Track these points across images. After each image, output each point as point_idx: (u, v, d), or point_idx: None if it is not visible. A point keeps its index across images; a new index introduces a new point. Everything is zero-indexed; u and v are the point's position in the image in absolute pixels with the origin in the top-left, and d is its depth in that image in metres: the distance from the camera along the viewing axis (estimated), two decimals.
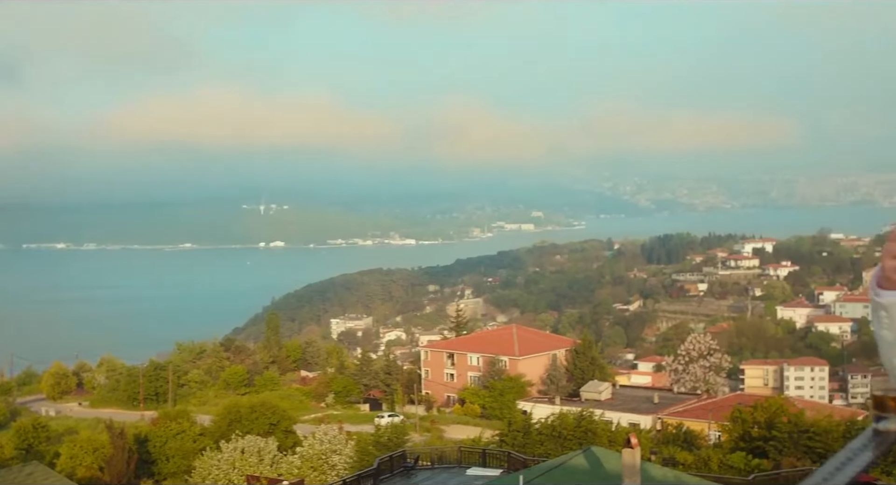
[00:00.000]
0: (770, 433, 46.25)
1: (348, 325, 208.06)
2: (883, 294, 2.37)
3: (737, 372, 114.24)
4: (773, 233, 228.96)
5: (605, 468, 32.02)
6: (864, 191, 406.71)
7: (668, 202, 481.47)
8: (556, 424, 50.14)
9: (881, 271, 2.41)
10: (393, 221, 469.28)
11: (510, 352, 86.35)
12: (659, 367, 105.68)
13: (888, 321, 2.40)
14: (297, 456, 50.28)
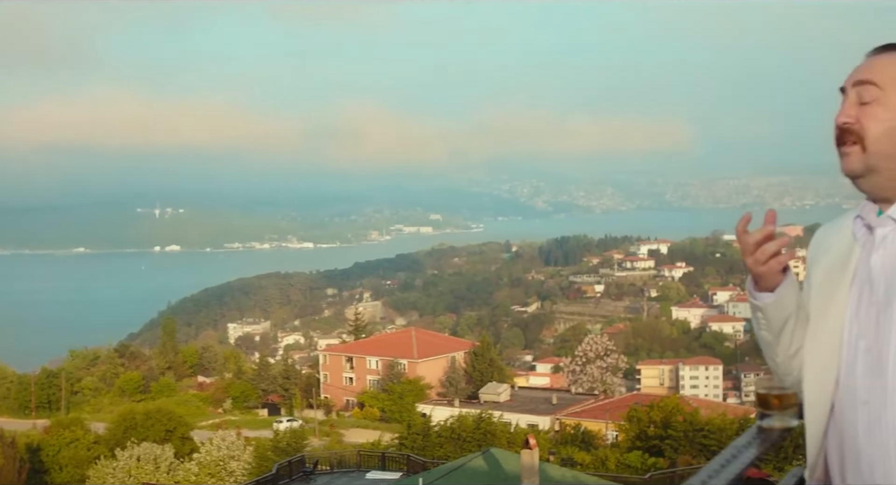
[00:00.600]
0: (666, 432, 46.94)
1: (246, 329, 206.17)
2: (758, 296, 2.40)
3: (633, 372, 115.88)
4: (668, 234, 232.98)
5: (504, 469, 32.20)
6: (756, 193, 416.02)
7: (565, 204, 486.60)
8: (456, 426, 50.26)
9: None
10: (290, 225, 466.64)
11: (409, 355, 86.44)
12: (557, 368, 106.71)
13: (765, 322, 2.44)
14: (194, 463, 49.60)
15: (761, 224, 2.38)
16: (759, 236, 2.32)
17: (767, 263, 2.35)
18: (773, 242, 2.34)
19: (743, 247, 2.38)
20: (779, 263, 2.35)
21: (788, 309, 2.42)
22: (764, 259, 2.34)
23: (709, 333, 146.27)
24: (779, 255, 2.34)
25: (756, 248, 2.34)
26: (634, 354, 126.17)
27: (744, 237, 2.35)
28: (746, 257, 2.38)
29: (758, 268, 2.36)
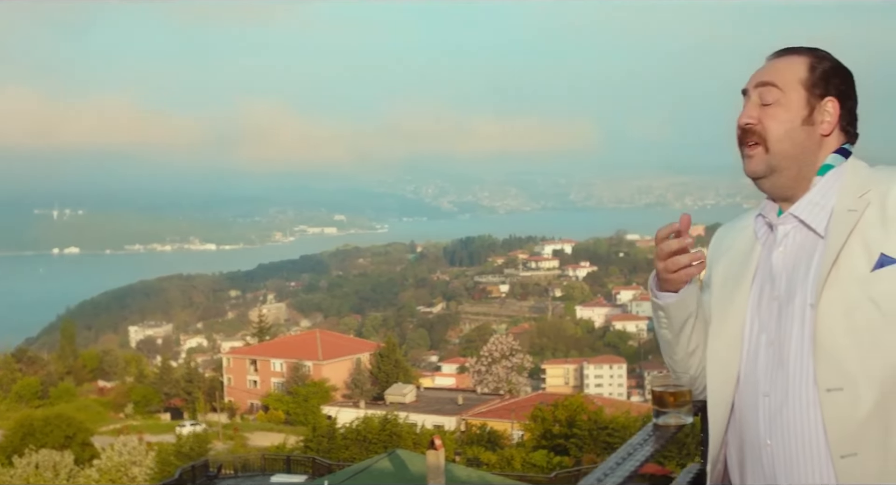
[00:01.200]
0: (571, 431, 47.40)
1: (147, 333, 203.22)
2: (660, 296, 2.45)
3: (538, 372, 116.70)
4: (572, 234, 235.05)
5: (410, 471, 32.21)
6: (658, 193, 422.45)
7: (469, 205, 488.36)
8: (361, 428, 50.17)
9: (656, 272, 2.46)
10: (193, 226, 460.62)
11: (314, 356, 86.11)
12: (462, 368, 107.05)
13: (666, 321, 2.48)
14: (94, 469, 48.81)
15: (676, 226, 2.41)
16: (676, 246, 2.36)
17: (677, 272, 2.40)
18: (686, 256, 2.38)
19: (658, 252, 2.41)
20: (687, 275, 2.40)
21: (690, 308, 2.47)
22: (674, 269, 2.39)
23: (613, 332, 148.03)
24: (689, 268, 2.39)
25: (669, 256, 2.38)
26: (539, 353, 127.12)
27: (662, 243, 2.39)
28: (658, 262, 2.41)
29: (665, 275, 2.41)
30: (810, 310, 2.24)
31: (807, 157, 2.36)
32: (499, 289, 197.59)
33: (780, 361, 2.29)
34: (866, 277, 2.20)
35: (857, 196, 2.29)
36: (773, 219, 2.42)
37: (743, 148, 2.40)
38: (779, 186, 2.39)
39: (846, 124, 2.40)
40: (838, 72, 2.40)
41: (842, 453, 2.18)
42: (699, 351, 2.52)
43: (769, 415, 2.29)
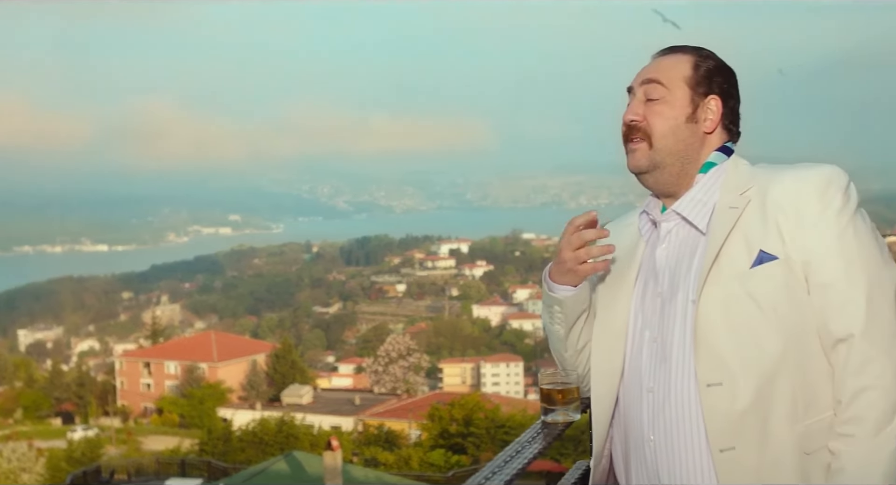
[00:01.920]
0: (468, 430, 47.60)
1: (37, 336, 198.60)
2: (557, 289, 2.45)
3: (436, 371, 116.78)
4: (469, 234, 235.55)
5: (307, 472, 32.05)
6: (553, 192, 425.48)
7: (366, 204, 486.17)
8: (258, 430, 49.79)
9: (556, 265, 2.46)
10: (84, 227, 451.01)
11: (209, 358, 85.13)
12: (359, 368, 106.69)
13: (561, 316, 2.50)
14: None
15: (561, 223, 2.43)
16: (593, 236, 2.39)
17: (583, 265, 2.42)
18: (600, 247, 2.41)
19: (570, 240, 2.42)
20: (593, 269, 2.43)
21: (585, 303, 2.49)
22: (585, 258, 2.41)
23: (509, 330, 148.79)
24: (598, 262, 2.44)
25: (585, 245, 2.40)
26: (437, 352, 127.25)
27: (581, 232, 2.41)
28: (568, 252, 2.41)
29: (572, 265, 2.42)
30: (692, 306, 2.28)
31: (690, 153, 2.40)
32: (395, 289, 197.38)
33: (663, 356, 2.33)
34: (746, 273, 2.24)
35: (738, 194, 2.33)
36: (657, 216, 2.45)
37: (627, 144, 2.43)
38: (662, 183, 2.42)
39: (729, 123, 2.45)
40: (721, 71, 2.45)
41: (721, 446, 2.21)
42: (589, 348, 2.54)
43: (652, 410, 2.33)
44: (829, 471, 2.19)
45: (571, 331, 2.52)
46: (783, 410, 2.20)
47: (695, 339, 2.25)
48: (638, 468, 2.39)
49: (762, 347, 2.21)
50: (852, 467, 2.15)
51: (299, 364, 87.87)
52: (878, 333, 2.19)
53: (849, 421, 2.17)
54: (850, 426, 2.16)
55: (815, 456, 2.21)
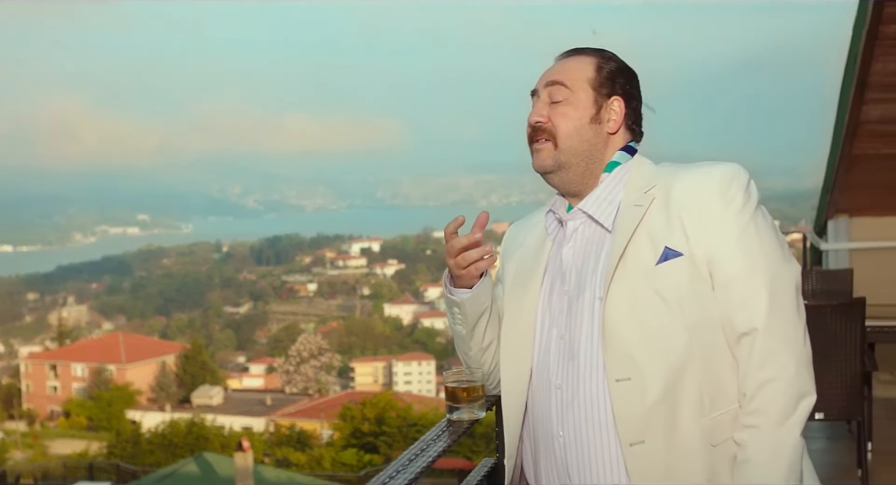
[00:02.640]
0: (380, 429, 47.59)
1: None
2: (454, 292, 2.49)
3: (347, 370, 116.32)
4: (380, 232, 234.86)
5: (218, 474, 31.79)
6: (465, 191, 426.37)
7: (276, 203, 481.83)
8: (167, 431, 49.24)
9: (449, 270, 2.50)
10: None
11: (117, 360, 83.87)
12: (271, 368, 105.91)
13: (462, 317, 2.53)
14: None
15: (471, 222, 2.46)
16: (466, 242, 2.41)
17: (467, 268, 2.44)
18: (476, 250, 2.43)
19: (448, 248, 2.46)
20: (477, 269, 2.45)
21: (484, 304, 2.52)
22: (465, 265, 2.43)
23: (421, 329, 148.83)
24: (480, 261, 2.44)
25: (460, 252, 2.42)
26: (348, 352, 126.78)
27: (451, 240, 2.44)
28: (449, 259, 2.46)
29: (457, 271, 2.45)
30: (599, 303, 2.32)
31: (594, 153, 2.45)
32: (307, 288, 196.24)
33: (571, 354, 2.36)
34: (652, 270, 2.29)
35: (642, 192, 2.39)
36: (563, 215, 2.49)
37: (532, 145, 2.47)
38: (567, 182, 2.46)
39: (632, 123, 2.51)
40: (623, 73, 2.50)
41: (630, 441, 2.25)
42: (493, 346, 2.57)
43: (561, 407, 2.36)
44: (736, 462, 2.25)
45: (474, 330, 2.54)
46: (690, 403, 2.25)
47: (602, 335, 2.29)
48: (547, 465, 2.42)
49: (669, 343, 2.26)
50: (758, 457, 2.20)
51: (210, 365, 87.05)
52: (780, 326, 2.25)
53: (753, 413, 2.23)
54: (754, 418, 2.22)
55: (722, 448, 2.26)
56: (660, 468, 2.25)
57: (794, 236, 12.84)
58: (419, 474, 2.21)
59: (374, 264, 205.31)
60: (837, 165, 8.69)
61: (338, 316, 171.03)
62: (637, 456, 2.25)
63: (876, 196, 9.10)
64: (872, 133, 8.08)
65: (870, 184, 8.88)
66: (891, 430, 7.57)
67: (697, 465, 2.24)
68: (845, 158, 8.44)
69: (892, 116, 7.86)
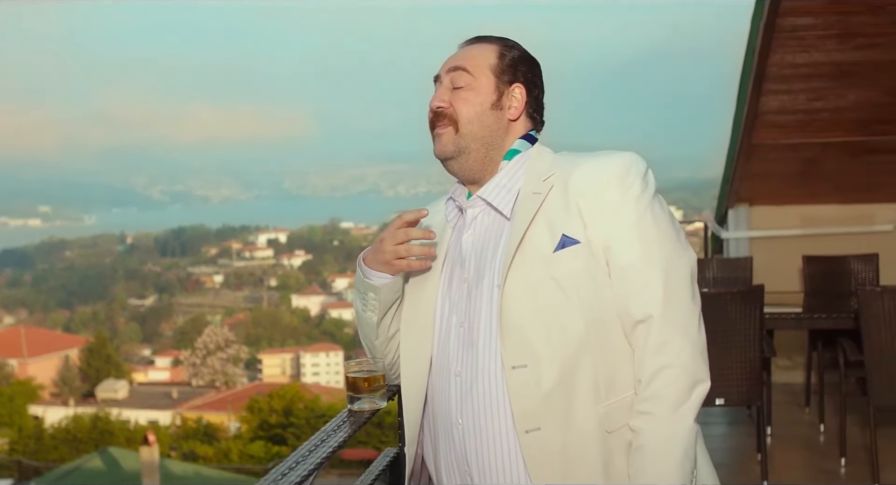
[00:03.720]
0: (288, 420, 47.40)
1: None
2: (373, 276, 2.48)
3: (255, 362, 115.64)
4: (287, 223, 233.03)
5: (123, 469, 31.38)
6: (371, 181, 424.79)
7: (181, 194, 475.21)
8: (71, 427, 48.49)
9: (374, 253, 2.49)
10: None
11: (19, 354, 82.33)
12: (177, 361, 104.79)
13: (376, 303, 2.53)
14: None
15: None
16: (419, 235, 2.43)
17: (399, 261, 2.45)
18: (420, 247, 2.46)
19: (395, 234, 2.45)
20: (408, 267, 2.47)
21: (399, 292, 2.54)
22: (405, 254, 2.45)
23: (328, 319, 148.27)
24: (414, 260, 2.48)
25: (404, 241, 2.43)
26: (255, 343, 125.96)
27: (406, 228, 2.45)
28: (388, 245, 2.44)
29: (392, 258, 2.46)
30: (497, 291, 2.33)
31: (495, 140, 2.46)
32: (213, 280, 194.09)
33: (470, 341, 2.37)
34: (549, 257, 2.30)
35: (541, 180, 2.40)
36: (463, 202, 2.50)
37: (434, 130, 2.48)
38: (467, 169, 2.47)
39: (533, 111, 2.53)
40: (526, 61, 2.52)
41: (526, 427, 2.27)
42: (398, 336, 2.57)
43: (460, 394, 2.37)
44: (631, 448, 2.27)
45: (384, 318, 2.55)
46: (586, 390, 2.27)
47: (500, 323, 2.30)
48: (447, 453, 2.43)
49: (565, 330, 2.27)
50: (652, 443, 2.23)
51: (114, 358, 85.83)
52: (675, 314, 2.28)
53: (648, 399, 2.25)
54: (649, 404, 2.25)
55: (617, 434, 2.29)
56: (555, 455, 2.26)
57: (697, 225, 13.04)
58: (318, 464, 2.20)
59: (281, 255, 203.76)
60: (737, 155, 8.84)
61: (245, 308, 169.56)
62: (533, 443, 2.27)
63: (774, 185, 9.28)
64: (771, 124, 8.24)
65: (769, 173, 9.05)
66: (789, 414, 7.74)
67: (593, 451, 2.27)
68: (745, 148, 8.59)
69: (790, 107, 8.02)
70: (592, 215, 2.31)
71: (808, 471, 6.51)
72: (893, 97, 7.72)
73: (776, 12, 6.67)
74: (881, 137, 8.31)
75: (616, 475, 2.29)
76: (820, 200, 9.38)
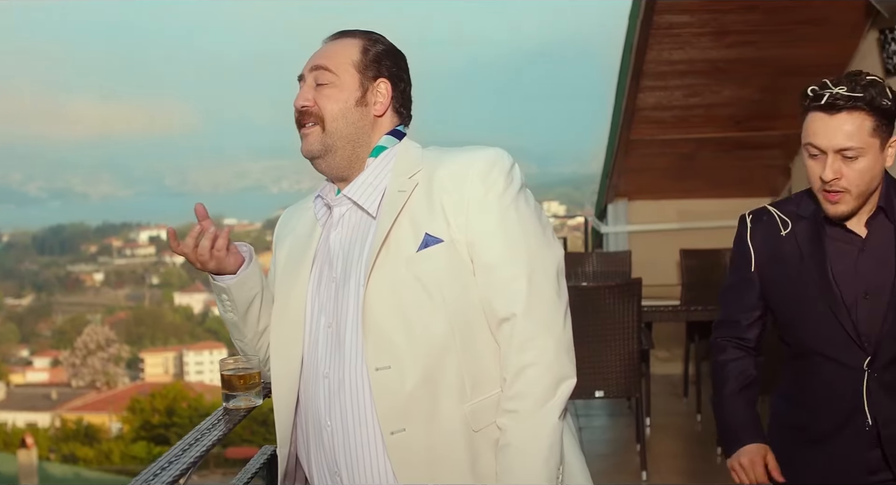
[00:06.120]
0: (171, 420, 46.81)
1: None
2: (218, 278, 2.45)
3: (137, 361, 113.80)
4: (169, 220, 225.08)
5: (1, 473, 30.70)
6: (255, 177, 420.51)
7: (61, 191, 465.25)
8: None
9: None
10: None
11: None
12: (56, 362, 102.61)
13: (230, 304, 2.49)
14: None
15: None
16: (191, 242, 2.39)
17: (212, 258, 2.40)
18: (207, 239, 2.39)
19: (182, 248, 2.44)
20: (218, 258, 2.41)
21: (254, 289, 2.48)
22: (205, 257, 2.39)
23: (212, 317, 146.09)
24: (218, 241, 2.41)
25: (195, 249, 2.39)
26: (138, 342, 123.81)
27: (178, 249, 2.44)
28: (192, 263, 2.40)
29: (206, 267, 2.42)
30: (362, 291, 2.31)
31: (361, 137, 2.42)
32: (93, 278, 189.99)
33: (337, 342, 2.35)
34: (413, 256, 2.29)
35: (407, 177, 2.38)
36: (332, 200, 2.47)
37: (301, 130, 2.44)
38: (334, 167, 2.43)
39: (399, 106, 2.49)
40: (390, 55, 2.48)
41: (391, 429, 2.26)
42: (269, 332, 2.54)
43: (328, 396, 2.35)
44: (498, 446, 2.27)
45: (247, 316, 2.51)
46: (451, 390, 2.27)
47: (363, 323, 2.28)
48: (318, 453, 2.41)
49: (429, 330, 2.26)
50: (518, 441, 2.23)
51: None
52: (540, 311, 2.28)
53: (513, 397, 2.26)
54: (514, 402, 2.25)
55: (484, 433, 2.29)
56: (421, 455, 2.26)
57: (578, 220, 13.20)
58: (192, 463, 2.18)
59: (163, 253, 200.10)
60: (616, 151, 8.96)
61: (126, 306, 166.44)
62: (399, 444, 2.26)
63: (652, 180, 9.43)
64: (648, 119, 8.37)
65: (646, 168, 9.20)
66: (667, 405, 7.89)
67: (459, 450, 2.27)
68: (623, 143, 8.72)
69: (667, 104, 8.16)
70: (456, 213, 2.30)
71: (686, 460, 6.65)
72: (765, 94, 7.91)
73: (653, 9, 6.79)
74: (754, 132, 8.52)
75: (483, 474, 2.29)
76: (696, 195, 9.56)
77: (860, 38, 7.03)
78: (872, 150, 2.65)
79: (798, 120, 2.78)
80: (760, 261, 2.93)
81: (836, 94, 2.63)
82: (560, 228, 30.26)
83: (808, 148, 2.71)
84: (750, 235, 2.95)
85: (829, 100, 2.63)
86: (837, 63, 7.33)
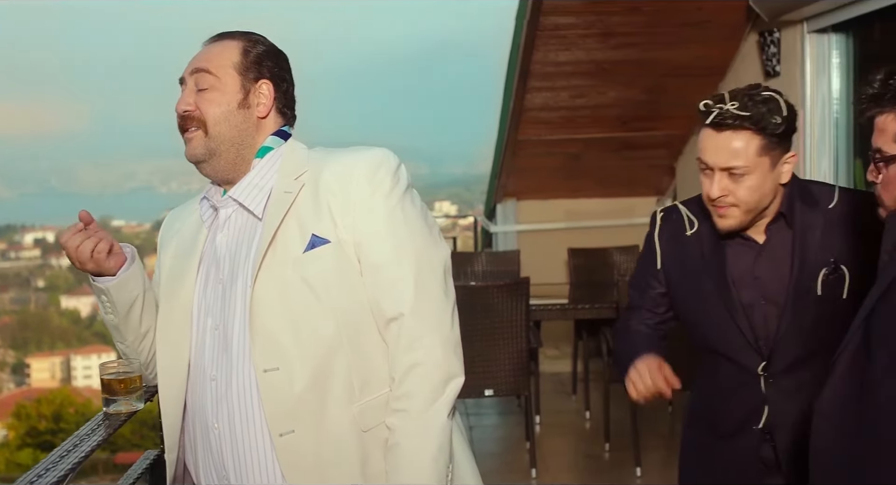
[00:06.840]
0: (58, 426, 45.89)
1: None
2: (98, 279, 2.42)
3: (22, 367, 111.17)
4: (55, 221, 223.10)
5: None
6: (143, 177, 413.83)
7: None
8: None
9: None
10: None
11: None
12: None
13: (110, 305, 2.46)
14: None
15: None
16: (78, 241, 2.35)
17: (91, 259, 2.36)
18: (89, 241, 2.35)
19: (66, 250, 2.40)
20: (98, 259, 2.36)
21: (135, 290, 2.44)
22: (87, 257, 2.36)
23: (99, 320, 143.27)
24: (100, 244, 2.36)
25: (76, 249, 2.35)
26: (23, 347, 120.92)
27: (69, 241, 2.39)
28: (71, 258, 2.36)
29: (85, 267, 2.38)
30: (250, 292, 2.28)
31: (245, 140, 2.40)
32: None
33: (224, 345, 2.32)
34: (300, 258, 2.27)
35: (293, 178, 2.36)
36: (217, 202, 2.43)
37: (184, 134, 2.40)
38: (219, 170, 2.40)
39: (283, 106, 2.46)
40: (271, 55, 2.46)
41: (280, 431, 2.24)
42: (151, 334, 2.50)
43: (216, 399, 2.32)
44: (387, 446, 2.27)
45: (128, 318, 2.46)
46: (340, 390, 2.26)
47: (251, 325, 2.27)
48: (205, 457, 2.38)
49: (317, 331, 2.25)
50: (407, 440, 2.23)
51: None
52: (427, 311, 2.29)
53: (402, 397, 2.25)
54: (403, 402, 2.25)
55: (373, 433, 2.28)
56: (310, 457, 2.25)
57: (469, 220, 13.26)
58: (70, 470, 2.14)
59: (49, 255, 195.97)
60: (504, 151, 9.02)
61: (10, 310, 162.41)
62: (287, 446, 2.25)
63: (540, 180, 9.50)
64: (536, 120, 8.44)
65: (534, 168, 9.27)
66: (557, 403, 7.97)
67: (349, 451, 2.26)
68: (511, 143, 8.78)
69: (554, 104, 8.24)
70: (342, 214, 2.30)
71: (575, 457, 6.72)
72: (650, 95, 8.03)
73: (539, 11, 6.85)
74: (639, 132, 8.64)
75: (373, 474, 2.29)
76: (583, 195, 9.66)
77: (741, 40, 7.18)
78: (760, 168, 2.64)
79: (681, 121, 2.81)
80: (666, 259, 2.94)
81: (724, 111, 2.61)
82: (451, 227, 30.36)
83: (698, 162, 2.72)
84: (658, 233, 2.96)
85: (717, 118, 2.63)
86: (719, 65, 7.49)
